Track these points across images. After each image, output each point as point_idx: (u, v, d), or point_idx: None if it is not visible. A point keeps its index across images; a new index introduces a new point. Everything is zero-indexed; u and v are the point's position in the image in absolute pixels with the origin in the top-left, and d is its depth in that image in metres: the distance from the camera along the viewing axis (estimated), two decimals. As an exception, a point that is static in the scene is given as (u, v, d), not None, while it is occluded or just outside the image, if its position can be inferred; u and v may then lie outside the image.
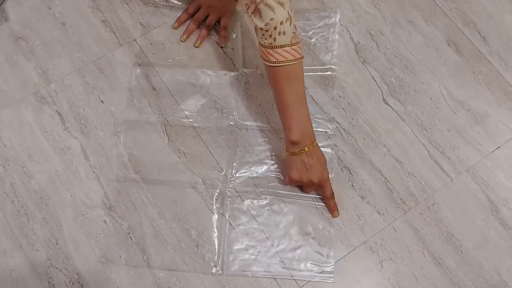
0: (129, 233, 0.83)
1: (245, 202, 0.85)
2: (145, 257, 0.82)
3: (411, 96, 0.92)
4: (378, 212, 0.84)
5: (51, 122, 0.90)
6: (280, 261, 0.81)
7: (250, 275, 0.80)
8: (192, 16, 0.96)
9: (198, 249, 0.82)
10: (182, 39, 0.95)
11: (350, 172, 0.87)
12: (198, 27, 0.96)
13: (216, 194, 0.85)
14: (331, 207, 0.83)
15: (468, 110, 0.92)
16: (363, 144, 0.89)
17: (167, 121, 0.89)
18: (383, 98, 0.92)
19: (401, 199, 0.85)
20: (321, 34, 0.96)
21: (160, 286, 0.80)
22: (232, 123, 0.90)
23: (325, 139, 0.88)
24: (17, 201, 0.85)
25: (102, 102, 0.92)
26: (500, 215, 0.85)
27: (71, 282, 0.80)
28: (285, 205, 0.85)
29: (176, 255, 0.82)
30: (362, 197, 0.85)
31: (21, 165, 0.87)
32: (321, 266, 0.81)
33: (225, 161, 0.87)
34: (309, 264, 0.81)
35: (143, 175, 0.87)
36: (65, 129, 0.90)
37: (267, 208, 0.84)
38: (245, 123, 0.90)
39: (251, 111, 0.91)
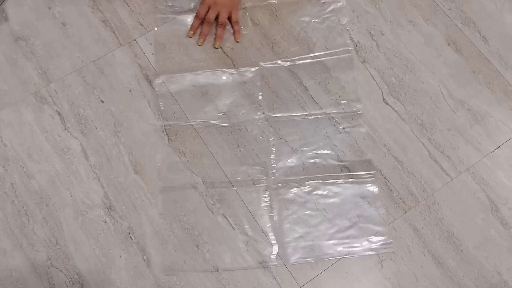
0: (129, 233, 0.83)
1: (291, 192, 0.85)
2: (145, 257, 0.82)
3: (411, 96, 0.92)
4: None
5: (51, 122, 0.90)
6: (338, 242, 0.82)
7: (313, 261, 0.81)
8: (203, 19, 0.96)
9: (198, 249, 0.82)
10: (199, 43, 0.95)
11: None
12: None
13: (262, 188, 0.85)
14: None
15: (468, 109, 0.92)
16: (363, 144, 0.89)
17: (193, 125, 0.89)
18: (383, 98, 0.92)
19: (401, 199, 0.85)
20: (332, 18, 0.97)
21: (160, 286, 0.80)
22: (261, 117, 0.90)
23: (356, 119, 0.90)
24: (17, 201, 0.85)
25: (102, 102, 0.92)
26: (500, 215, 0.84)
27: (71, 282, 0.80)
28: (328, 187, 0.85)
29: (176, 255, 0.82)
30: (362, 197, 0.85)
31: (21, 165, 0.87)
32: (378, 238, 0.82)
33: (262, 155, 0.88)
34: (366, 239, 0.82)
35: (143, 175, 0.87)
36: (65, 129, 0.90)
37: (313, 193, 0.85)
38: (274, 115, 0.90)
39: (277, 102, 0.91)
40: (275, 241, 0.83)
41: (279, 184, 0.86)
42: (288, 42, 0.95)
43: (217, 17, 0.95)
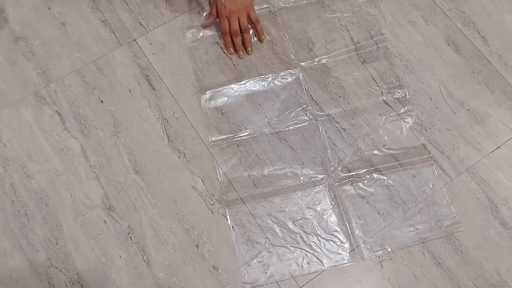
0: (129, 233, 0.83)
1: (353, 187, 0.86)
2: (145, 257, 0.82)
3: (411, 96, 0.92)
4: (378, 212, 0.84)
5: (51, 122, 0.90)
6: (410, 228, 0.83)
7: (390, 250, 0.81)
8: (229, 31, 0.94)
9: (198, 249, 0.82)
10: (240, 56, 0.94)
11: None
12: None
13: (325, 188, 0.85)
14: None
15: (468, 110, 0.92)
16: (363, 144, 0.89)
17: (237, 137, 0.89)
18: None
19: (401, 199, 0.85)
20: (362, 11, 0.98)
21: (160, 286, 0.80)
22: (310, 117, 0.90)
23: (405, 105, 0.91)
24: (17, 201, 0.85)
25: (102, 102, 0.92)
26: (500, 215, 0.85)
27: (71, 282, 0.80)
28: (388, 177, 0.86)
29: (176, 255, 0.82)
30: (362, 197, 0.85)
31: (21, 165, 0.87)
32: (446, 219, 0.83)
33: (319, 155, 0.88)
34: (435, 222, 0.83)
35: (143, 175, 0.87)
36: (65, 129, 0.90)
37: (376, 184, 0.86)
38: (322, 113, 0.90)
39: (323, 99, 0.91)
40: (347, 239, 0.83)
41: (341, 181, 0.86)
42: (322, 39, 0.96)
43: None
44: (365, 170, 0.87)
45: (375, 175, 0.86)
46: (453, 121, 0.91)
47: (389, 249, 0.82)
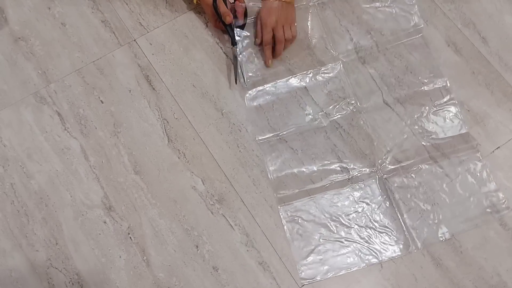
0: (129, 233, 0.83)
1: (402, 178, 0.86)
2: (145, 257, 0.82)
3: (411, 96, 0.92)
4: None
5: (50, 122, 0.90)
6: (459, 217, 0.83)
7: (443, 239, 0.82)
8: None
9: (198, 250, 0.82)
10: (269, 66, 0.93)
11: (350, 172, 0.87)
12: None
13: (376, 182, 0.86)
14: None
15: (468, 110, 0.92)
16: (363, 144, 0.89)
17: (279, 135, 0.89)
18: (383, 98, 0.92)
19: (403, 196, 0.85)
20: (399, 1, 0.98)
21: (160, 286, 0.80)
22: (354, 110, 0.90)
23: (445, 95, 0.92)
24: (17, 201, 0.85)
25: (102, 102, 0.92)
26: (500, 216, 0.84)
27: (71, 282, 0.80)
28: (436, 166, 0.86)
29: (176, 256, 0.82)
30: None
31: (20, 165, 0.87)
32: (496, 207, 0.84)
33: (366, 148, 0.88)
34: (484, 209, 0.84)
35: (143, 175, 0.87)
36: (65, 129, 0.90)
37: (425, 174, 0.86)
38: (365, 105, 0.91)
39: (365, 93, 0.92)
40: (400, 230, 0.83)
41: (389, 174, 0.86)
42: (357, 34, 0.96)
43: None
44: (412, 161, 0.87)
45: (422, 166, 0.87)
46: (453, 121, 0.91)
47: (442, 239, 0.82)
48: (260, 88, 0.92)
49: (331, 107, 0.91)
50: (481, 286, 0.80)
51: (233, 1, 0.95)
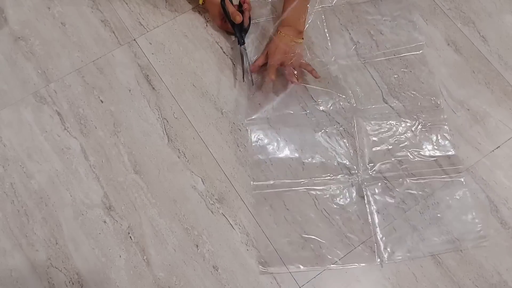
0: (129, 233, 0.83)
1: (381, 189, 0.85)
2: (145, 257, 0.82)
3: (411, 96, 0.92)
4: (378, 212, 0.84)
5: (50, 122, 0.90)
6: (432, 238, 0.82)
7: (409, 257, 0.81)
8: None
9: (198, 249, 0.82)
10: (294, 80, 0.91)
11: (350, 172, 0.87)
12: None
13: (357, 187, 0.85)
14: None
15: (468, 109, 0.92)
16: (363, 144, 0.89)
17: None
18: (383, 98, 0.92)
19: (400, 199, 0.85)
20: (401, 16, 0.98)
21: (160, 286, 0.80)
22: (347, 116, 0.90)
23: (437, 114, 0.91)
24: (17, 201, 0.85)
25: (102, 102, 0.92)
26: (500, 215, 0.84)
27: (71, 282, 0.80)
28: (418, 183, 0.86)
29: (176, 255, 0.82)
30: (362, 196, 0.85)
31: (20, 165, 0.87)
32: (472, 235, 0.82)
33: (352, 153, 0.88)
34: (461, 235, 0.82)
35: (143, 175, 0.87)
36: (65, 129, 0.90)
37: (406, 189, 0.85)
38: (362, 107, 0.91)
39: (366, 95, 0.92)
40: (374, 240, 0.83)
41: (370, 182, 0.86)
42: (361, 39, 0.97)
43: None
44: (395, 173, 0.86)
45: (407, 180, 0.86)
46: (453, 121, 0.91)
47: (409, 255, 0.81)
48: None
49: (329, 105, 0.91)
50: (481, 285, 0.80)
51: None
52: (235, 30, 0.92)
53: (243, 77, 0.92)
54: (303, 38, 0.90)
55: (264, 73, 0.91)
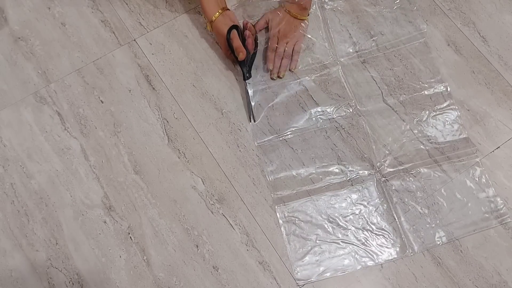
0: (129, 233, 0.83)
1: (400, 182, 0.86)
2: (145, 257, 0.82)
3: (411, 96, 0.92)
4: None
5: (50, 122, 0.90)
6: (456, 222, 0.83)
7: (440, 243, 0.82)
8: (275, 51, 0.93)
9: (198, 249, 0.82)
10: (281, 76, 0.93)
11: (348, 174, 0.87)
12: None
13: (374, 185, 0.86)
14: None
15: (468, 110, 0.92)
16: (363, 144, 0.89)
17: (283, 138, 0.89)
18: (383, 98, 0.92)
19: (401, 199, 0.85)
20: (402, 6, 0.99)
21: (160, 286, 0.80)
22: (354, 112, 0.91)
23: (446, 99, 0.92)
24: (17, 201, 0.85)
25: (102, 102, 0.92)
26: (499, 221, 0.84)
27: (71, 282, 0.80)
28: (435, 171, 0.86)
29: (176, 255, 0.82)
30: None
31: (21, 165, 0.87)
32: (495, 213, 0.84)
33: (365, 150, 0.88)
34: (483, 215, 0.84)
35: (143, 175, 0.87)
36: (65, 129, 0.90)
37: (423, 178, 0.86)
38: (365, 108, 0.91)
39: (365, 95, 0.92)
40: (397, 234, 0.83)
41: (388, 176, 0.86)
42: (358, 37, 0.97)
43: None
44: (410, 164, 0.87)
45: (421, 169, 0.87)
46: (453, 121, 0.91)
47: (439, 242, 0.82)
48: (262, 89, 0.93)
49: (331, 109, 0.91)
50: (482, 285, 0.80)
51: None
52: (240, 64, 0.90)
53: (250, 117, 0.90)
54: (308, 15, 0.91)
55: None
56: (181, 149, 0.88)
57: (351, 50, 0.95)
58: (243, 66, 0.90)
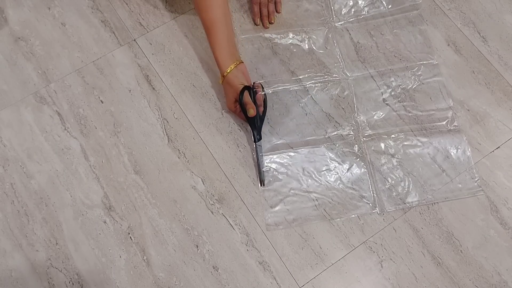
0: (129, 233, 0.83)
1: (380, 144, 0.88)
2: (145, 257, 0.82)
3: (411, 96, 0.92)
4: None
5: (50, 122, 0.90)
6: (430, 188, 0.85)
7: (409, 206, 0.84)
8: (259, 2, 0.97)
9: (198, 249, 0.82)
10: (267, 26, 0.97)
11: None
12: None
13: (355, 145, 0.88)
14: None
15: (468, 110, 0.92)
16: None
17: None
18: (383, 98, 0.92)
19: (400, 199, 0.85)
20: None
21: (160, 286, 0.80)
22: (343, 76, 0.93)
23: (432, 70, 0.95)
24: (17, 201, 0.85)
25: (102, 102, 0.92)
26: (500, 215, 0.85)
27: (71, 282, 0.80)
28: (418, 138, 0.88)
29: (176, 255, 0.82)
30: (362, 196, 0.85)
31: (21, 165, 0.87)
32: (468, 183, 0.86)
33: (348, 111, 0.90)
34: (457, 185, 0.86)
35: (143, 175, 0.87)
36: (65, 129, 0.90)
37: (403, 144, 0.88)
38: (353, 74, 0.93)
39: (354, 61, 0.94)
40: (370, 191, 0.85)
41: (368, 137, 0.88)
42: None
43: None
44: (391, 128, 0.89)
45: (401, 135, 0.88)
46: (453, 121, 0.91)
47: (409, 204, 0.84)
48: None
49: (317, 74, 0.93)
50: (481, 285, 0.80)
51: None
52: (250, 123, 0.87)
53: (260, 180, 0.86)
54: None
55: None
56: (181, 149, 0.89)
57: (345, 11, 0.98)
58: (253, 127, 0.86)
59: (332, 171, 0.87)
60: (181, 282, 0.80)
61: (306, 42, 0.96)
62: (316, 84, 0.92)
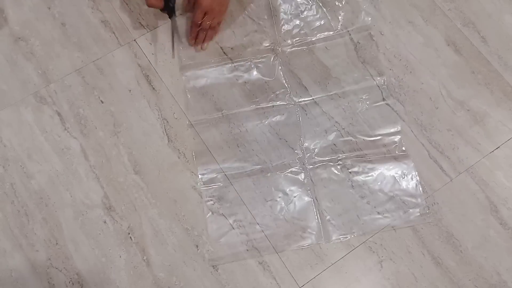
0: (129, 233, 0.83)
1: (326, 171, 0.87)
2: (145, 257, 0.82)
3: (411, 96, 0.92)
4: (378, 212, 0.84)
5: (51, 122, 0.90)
6: (378, 215, 0.84)
7: (356, 235, 0.83)
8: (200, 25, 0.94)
9: (198, 249, 0.82)
10: (203, 48, 0.95)
11: (350, 172, 0.87)
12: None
13: (301, 173, 0.87)
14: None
15: (468, 110, 0.92)
16: (363, 144, 0.89)
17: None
18: (383, 98, 0.92)
19: (400, 199, 0.85)
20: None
21: (160, 286, 0.80)
22: (290, 103, 0.91)
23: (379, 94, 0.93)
24: (17, 201, 0.85)
25: (102, 102, 0.92)
26: (499, 215, 0.85)
27: (71, 282, 0.80)
28: (363, 164, 0.87)
29: (176, 255, 0.82)
30: (361, 197, 0.85)
31: (21, 165, 0.87)
32: (415, 209, 0.85)
33: (295, 138, 0.89)
34: (404, 211, 0.84)
35: (143, 175, 0.87)
36: (65, 129, 0.90)
37: (349, 171, 0.87)
38: (301, 99, 0.91)
39: (301, 86, 0.92)
40: (315, 221, 0.84)
41: (314, 165, 0.87)
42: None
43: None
44: (341, 154, 0.88)
45: (351, 161, 0.87)
46: (452, 121, 0.91)
47: (356, 234, 0.83)
48: (198, 70, 0.94)
49: (267, 95, 0.91)
50: (481, 285, 0.80)
51: None
52: (165, 2, 0.89)
53: (173, 54, 0.93)
54: None
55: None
56: (181, 149, 0.89)
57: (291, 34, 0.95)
58: (167, 7, 0.89)
59: (277, 201, 0.85)
60: (181, 282, 0.81)
61: (252, 70, 0.94)
62: (264, 111, 0.91)
